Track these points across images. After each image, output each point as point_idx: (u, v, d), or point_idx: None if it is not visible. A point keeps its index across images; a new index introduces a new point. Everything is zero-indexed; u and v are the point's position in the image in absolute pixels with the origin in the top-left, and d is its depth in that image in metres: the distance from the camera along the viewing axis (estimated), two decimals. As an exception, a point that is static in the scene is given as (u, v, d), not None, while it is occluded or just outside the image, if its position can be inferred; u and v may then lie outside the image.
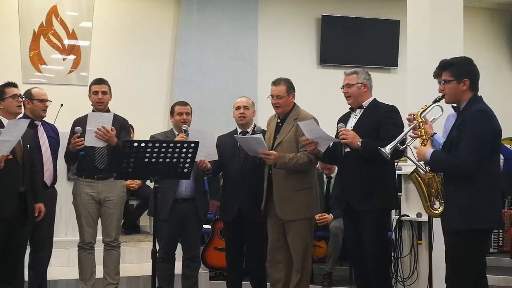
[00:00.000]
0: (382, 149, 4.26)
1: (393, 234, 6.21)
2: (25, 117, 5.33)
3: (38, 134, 5.41)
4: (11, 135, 4.63)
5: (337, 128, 4.89)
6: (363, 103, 4.88)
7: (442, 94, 4.14)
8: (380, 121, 4.73)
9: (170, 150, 4.49)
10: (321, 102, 8.61)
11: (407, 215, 6.12)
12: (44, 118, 5.57)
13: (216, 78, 9.59)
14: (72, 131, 5.37)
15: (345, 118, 4.98)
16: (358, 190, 4.74)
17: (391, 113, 4.78)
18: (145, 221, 8.28)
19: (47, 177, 5.41)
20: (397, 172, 5.47)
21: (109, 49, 9.35)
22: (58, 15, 9.11)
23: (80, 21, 9.26)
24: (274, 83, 5.24)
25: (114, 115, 5.34)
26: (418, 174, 4.63)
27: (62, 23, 9.13)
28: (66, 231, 6.67)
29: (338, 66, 9.58)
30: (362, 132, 4.69)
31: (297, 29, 10.24)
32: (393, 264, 6.14)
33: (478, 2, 10.57)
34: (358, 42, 10.27)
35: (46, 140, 5.46)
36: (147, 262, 4.78)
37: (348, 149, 4.77)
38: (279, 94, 5.18)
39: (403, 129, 4.54)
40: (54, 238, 5.63)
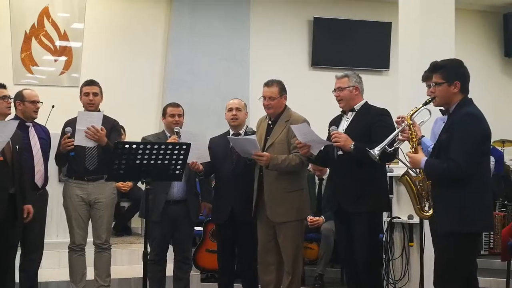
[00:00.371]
0: (370, 151, 4.26)
1: (384, 236, 6.22)
2: (16, 118, 5.32)
3: (29, 135, 5.39)
4: (0, 137, 4.61)
5: (329, 131, 4.89)
6: (355, 106, 4.89)
7: (431, 97, 4.11)
8: (372, 124, 4.73)
9: (162, 152, 4.46)
10: (312, 104, 8.69)
11: (399, 217, 6.14)
12: (35, 120, 5.54)
13: (208, 79, 9.62)
14: (63, 132, 5.37)
15: (336, 121, 4.99)
16: (350, 192, 4.74)
17: (383, 116, 4.79)
18: (136, 222, 8.27)
19: (38, 178, 5.38)
20: (388, 174, 5.49)
21: (100, 50, 9.36)
22: (49, 16, 9.12)
23: (71, 22, 9.26)
24: (267, 85, 5.23)
25: (104, 116, 5.31)
26: (409, 177, 4.63)
27: (54, 24, 9.15)
28: (57, 233, 6.61)
29: (329, 68, 9.61)
30: (354, 135, 4.69)
31: (289, 30, 10.28)
32: (384, 266, 6.16)
33: (469, 5, 10.61)
34: (350, 44, 10.31)
35: (37, 141, 5.43)
36: (139, 264, 4.74)
37: (340, 152, 4.76)
38: (272, 95, 5.17)
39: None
40: (45, 240, 5.59)
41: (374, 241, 4.85)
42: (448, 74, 3.98)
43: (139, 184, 7.40)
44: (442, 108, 4.16)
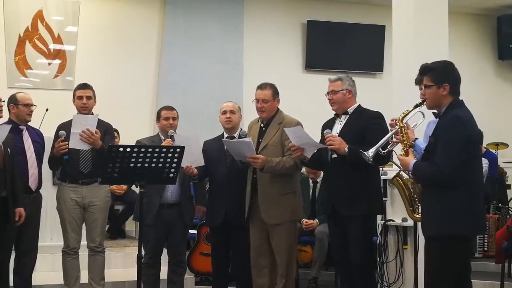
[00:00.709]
0: (364, 152, 4.26)
1: (378, 239, 6.22)
2: (10, 122, 5.32)
3: (23, 139, 5.39)
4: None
5: (323, 134, 4.89)
6: (348, 109, 4.89)
7: (423, 99, 4.10)
8: (365, 127, 4.74)
9: (156, 155, 4.45)
10: (306, 107, 8.64)
11: (393, 220, 6.13)
12: (29, 123, 5.54)
13: (202, 82, 9.57)
14: (56, 135, 5.36)
15: (329, 124, 4.99)
16: (344, 195, 4.74)
17: (377, 119, 4.80)
18: (130, 226, 8.25)
19: (32, 182, 5.37)
20: (382, 177, 5.49)
21: (94, 53, 9.31)
22: (43, 20, 9.07)
23: (65, 25, 9.21)
24: (260, 87, 5.24)
25: (98, 119, 5.31)
26: (400, 179, 4.63)
27: (48, 28, 9.09)
28: (51, 236, 6.62)
29: (323, 71, 9.57)
30: (347, 138, 4.70)
31: (282, 33, 10.24)
32: (378, 269, 6.16)
33: (463, 8, 10.60)
34: (344, 47, 10.27)
35: (31, 145, 5.43)
36: (133, 267, 4.72)
37: (335, 155, 4.76)
38: (265, 98, 5.17)
39: (389, 134, 4.55)
40: (39, 243, 5.59)
41: (368, 244, 4.85)
42: (437, 77, 3.95)
43: (133, 187, 7.41)
44: (435, 111, 4.15)
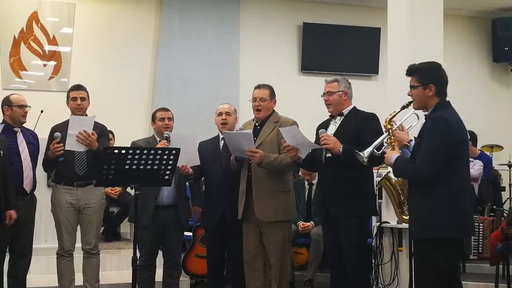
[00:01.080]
0: (359, 153, 4.26)
1: (373, 241, 6.22)
2: (4, 123, 5.30)
3: (18, 140, 5.37)
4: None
5: (317, 134, 4.89)
6: (343, 111, 4.90)
7: (410, 101, 4.09)
8: (360, 128, 4.75)
9: (151, 157, 4.45)
10: (302, 108, 8.59)
11: (388, 222, 6.12)
12: (24, 124, 5.53)
13: (197, 84, 9.55)
14: (50, 137, 5.33)
15: (324, 125, 4.97)
16: (338, 196, 4.74)
17: (372, 120, 4.80)
18: (125, 228, 8.21)
19: (27, 184, 5.35)
20: (377, 179, 5.47)
21: (90, 55, 9.28)
22: (38, 21, 9.04)
23: (60, 27, 9.17)
24: (258, 87, 5.28)
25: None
26: (388, 181, 4.62)
27: (43, 29, 9.06)
28: (46, 238, 6.59)
29: (319, 73, 9.60)
30: (342, 139, 4.70)
31: (279, 36, 10.23)
32: (373, 271, 6.16)
33: (458, 10, 10.63)
34: (340, 50, 10.29)
35: (26, 147, 5.41)
36: (128, 269, 4.75)
37: (329, 154, 4.77)
38: (263, 96, 5.20)
39: (384, 136, 4.55)
40: (34, 245, 5.56)
41: (363, 245, 4.85)
42: (423, 77, 3.96)
43: (128, 189, 7.43)
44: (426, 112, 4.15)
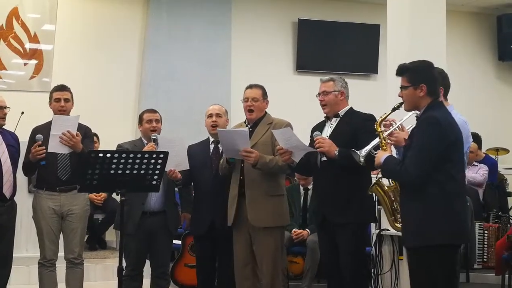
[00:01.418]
0: (357, 152, 4.22)
1: (373, 249, 6.14)
2: (-18, 126, 5.25)
3: (-4, 143, 5.29)
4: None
5: (312, 136, 4.84)
6: (339, 112, 4.86)
7: (401, 102, 4.06)
8: (357, 130, 4.68)
9: (138, 161, 4.34)
10: (297, 110, 8.60)
11: (388, 229, 5.97)
12: (3, 126, 5.39)
13: (186, 84, 9.55)
14: (31, 140, 5.25)
15: (319, 127, 4.93)
16: (334, 201, 4.68)
17: (369, 121, 4.67)
18: (111, 236, 8.18)
19: (7, 189, 5.20)
20: (375, 183, 5.38)
21: (73, 53, 9.25)
22: (19, 17, 9.02)
23: (42, 23, 9.15)
24: (250, 87, 5.23)
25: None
26: (379, 187, 4.46)
27: (24, 26, 9.04)
28: (27, 247, 6.58)
29: (315, 73, 9.57)
30: (338, 141, 4.63)
31: (272, 33, 10.27)
32: (373, 281, 6.09)
33: (461, 6, 10.68)
34: (337, 48, 10.33)
35: (6, 149, 5.27)
36: (113, 280, 4.75)
37: (324, 158, 4.70)
38: (255, 96, 5.14)
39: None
40: (14, 254, 5.42)
41: (361, 253, 4.80)
42: (413, 77, 3.93)
43: (114, 195, 7.31)
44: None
